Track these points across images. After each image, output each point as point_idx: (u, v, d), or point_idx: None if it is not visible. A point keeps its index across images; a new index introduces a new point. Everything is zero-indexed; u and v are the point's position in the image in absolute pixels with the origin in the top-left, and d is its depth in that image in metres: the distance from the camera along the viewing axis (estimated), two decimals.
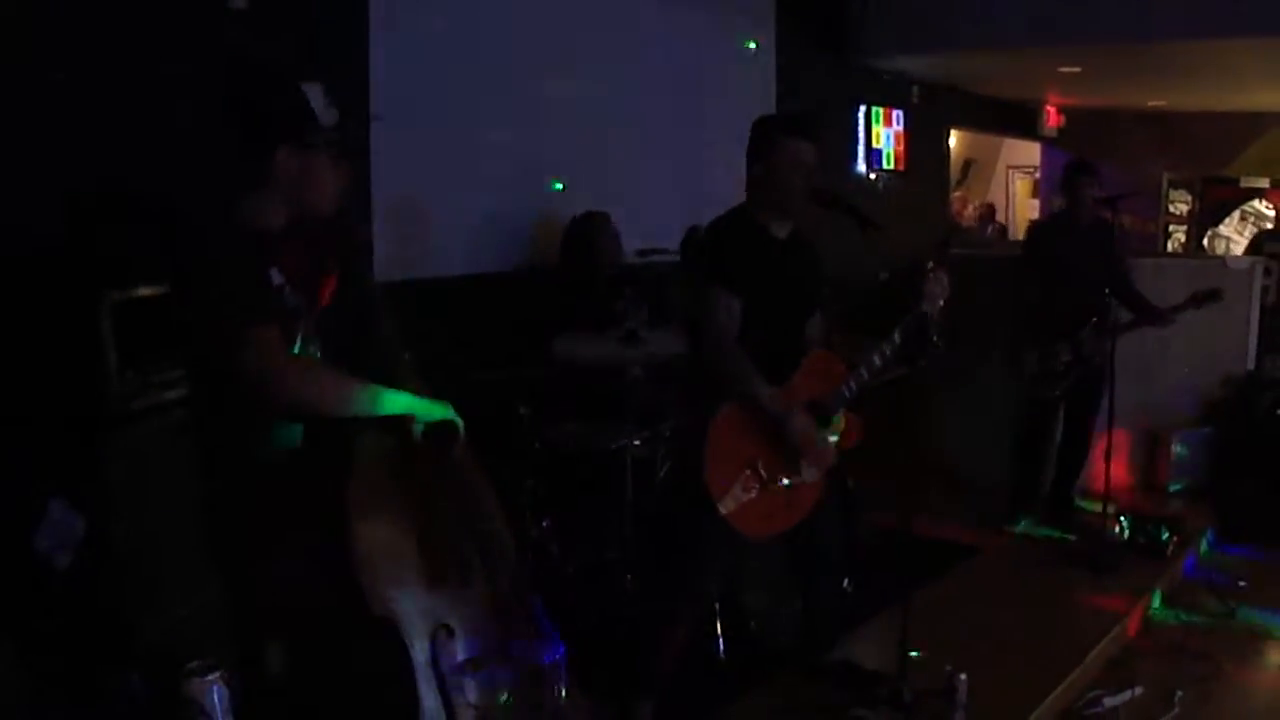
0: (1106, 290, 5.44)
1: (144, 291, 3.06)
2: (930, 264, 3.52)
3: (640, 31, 6.04)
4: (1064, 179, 5.71)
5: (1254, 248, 8.60)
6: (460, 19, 4.93)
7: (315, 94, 2.31)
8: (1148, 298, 5.53)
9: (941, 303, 3.48)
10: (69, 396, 2.96)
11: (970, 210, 12.03)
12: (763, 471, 3.32)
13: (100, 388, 2.92)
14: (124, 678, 2.89)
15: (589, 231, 4.92)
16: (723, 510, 3.25)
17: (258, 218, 2.29)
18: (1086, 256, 5.45)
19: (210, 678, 2.75)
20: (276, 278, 2.27)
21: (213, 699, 2.71)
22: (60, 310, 2.99)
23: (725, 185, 3.53)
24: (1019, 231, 11.57)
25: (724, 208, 3.53)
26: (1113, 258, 5.53)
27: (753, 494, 3.31)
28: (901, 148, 8.94)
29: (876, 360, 3.46)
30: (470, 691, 2.22)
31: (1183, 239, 12.07)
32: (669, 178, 5.97)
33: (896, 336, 3.46)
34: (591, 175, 5.55)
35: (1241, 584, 5.26)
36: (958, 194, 11.20)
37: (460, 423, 2.36)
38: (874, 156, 8.60)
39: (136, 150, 3.61)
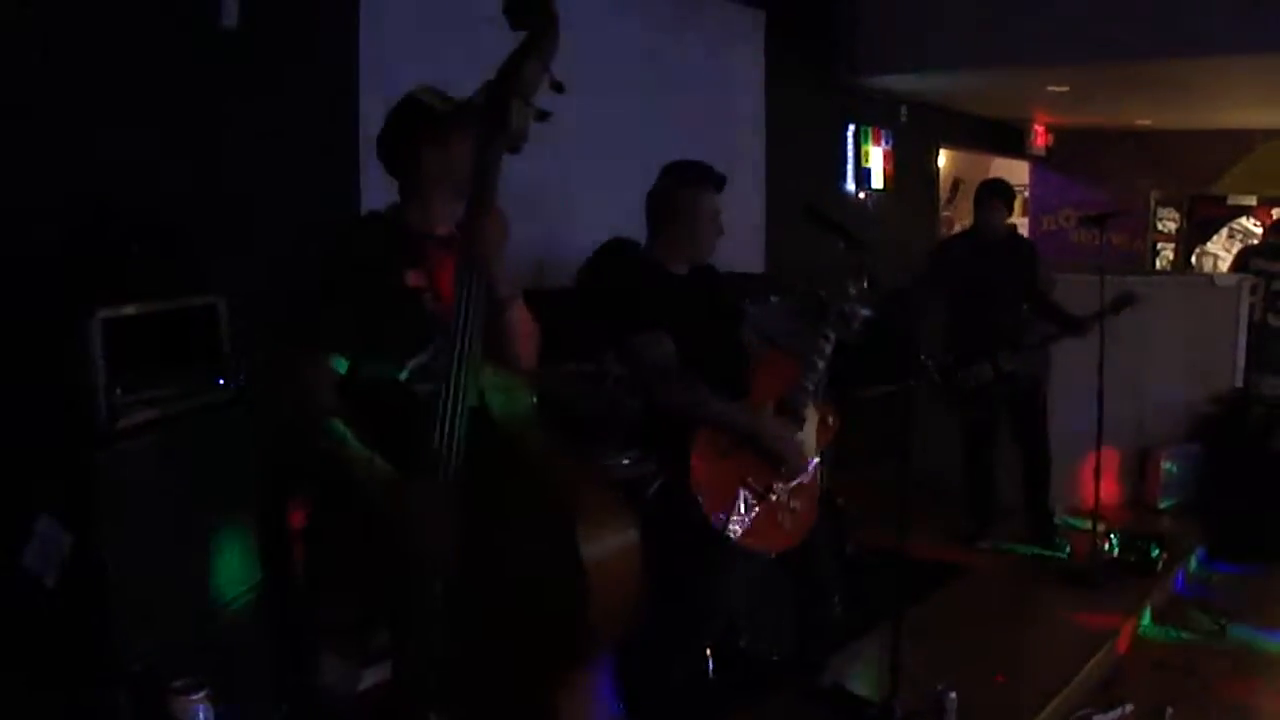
0: (1025, 306, 5.51)
1: (134, 309, 3.06)
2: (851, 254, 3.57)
3: (630, 50, 6.06)
4: (975, 196, 5.76)
5: (1238, 264, 8.65)
6: (452, 39, 4.94)
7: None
8: (1067, 309, 5.53)
9: (861, 281, 3.51)
10: (58, 413, 2.95)
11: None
12: (756, 485, 3.31)
13: (89, 404, 2.91)
14: (110, 695, 2.87)
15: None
16: (734, 538, 3.24)
17: (409, 218, 2.48)
18: (997, 274, 5.50)
19: (196, 696, 2.74)
20: (413, 279, 2.39)
21: (198, 717, 2.70)
22: (50, 326, 2.99)
23: None
24: None
25: None
26: (1028, 274, 5.59)
27: (755, 510, 3.30)
28: (890, 167, 8.97)
29: (825, 345, 3.44)
30: None
31: (1171, 257, 12.14)
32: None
33: (832, 316, 3.46)
34: (577, 193, 5.55)
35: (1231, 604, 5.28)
36: (948, 214, 11.23)
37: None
38: (863, 175, 8.63)
39: (129, 167, 3.61)
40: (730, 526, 3.24)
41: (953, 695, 3.63)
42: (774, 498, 3.35)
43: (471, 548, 2.14)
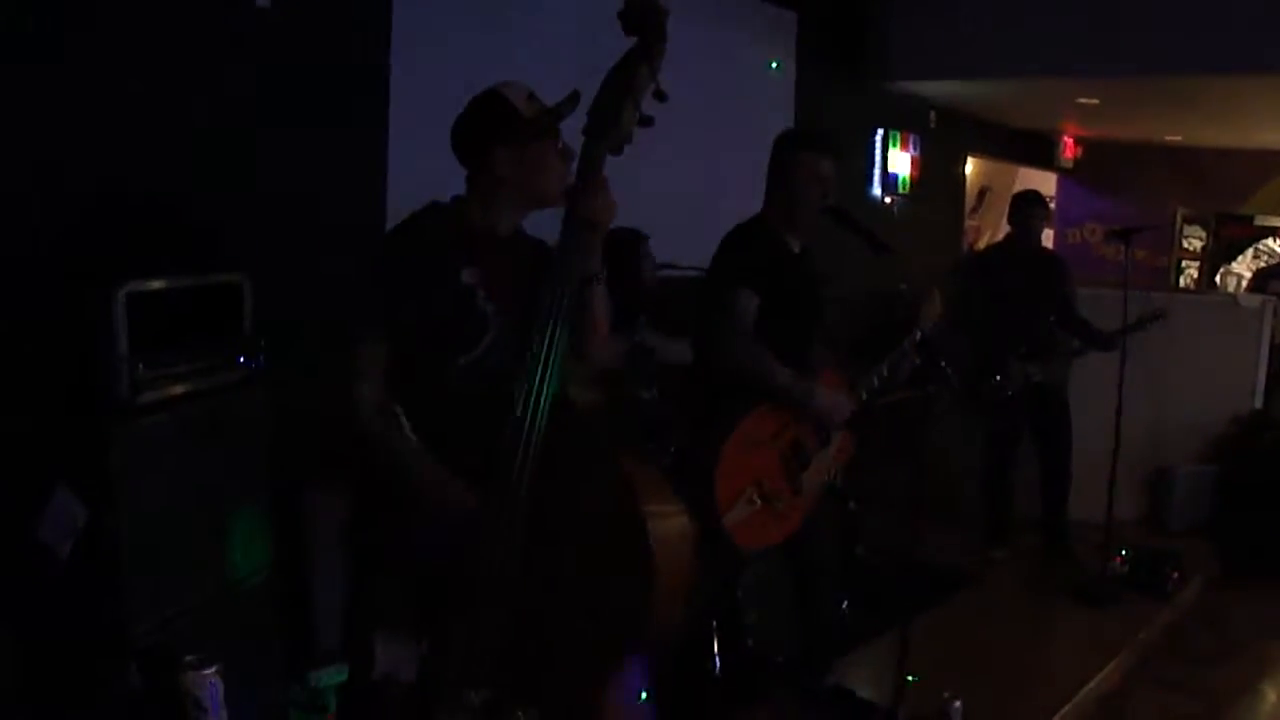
0: (1051, 318, 5.51)
1: (159, 284, 3.07)
2: (926, 286, 3.64)
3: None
4: (1013, 208, 5.74)
5: (1255, 286, 8.60)
6: (485, 30, 4.94)
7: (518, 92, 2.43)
8: (1093, 325, 5.55)
9: (934, 322, 3.59)
10: (79, 385, 2.97)
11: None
12: (767, 488, 3.37)
13: (111, 378, 2.93)
14: (120, 669, 2.89)
15: (627, 249, 4.60)
16: (726, 522, 3.28)
17: (471, 214, 2.43)
18: (1028, 286, 5.50)
19: (207, 671, 2.75)
20: (469, 276, 2.36)
21: (209, 692, 2.71)
22: (75, 299, 3.01)
23: (743, 204, 3.57)
24: None
25: None
26: (1056, 286, 5.58)
27: (754, 509, 3.36)
28: (917, 172, 8.94)
29: (875, 380, 3.57)
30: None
31: (1195, 275, 12.06)
32: (686, 195, 5.97)
33: (895, 356, 3.58)
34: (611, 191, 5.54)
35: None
36: (973, 222, 11.17)
37: None
38: (889, 180, 8.60)
39: (159, 144, 3.63)
40: (727, 514, 3.30)
41: (958, 704, 3.62)
42: (774, 503, 3.40)
43: (535, 533, 2.14)
